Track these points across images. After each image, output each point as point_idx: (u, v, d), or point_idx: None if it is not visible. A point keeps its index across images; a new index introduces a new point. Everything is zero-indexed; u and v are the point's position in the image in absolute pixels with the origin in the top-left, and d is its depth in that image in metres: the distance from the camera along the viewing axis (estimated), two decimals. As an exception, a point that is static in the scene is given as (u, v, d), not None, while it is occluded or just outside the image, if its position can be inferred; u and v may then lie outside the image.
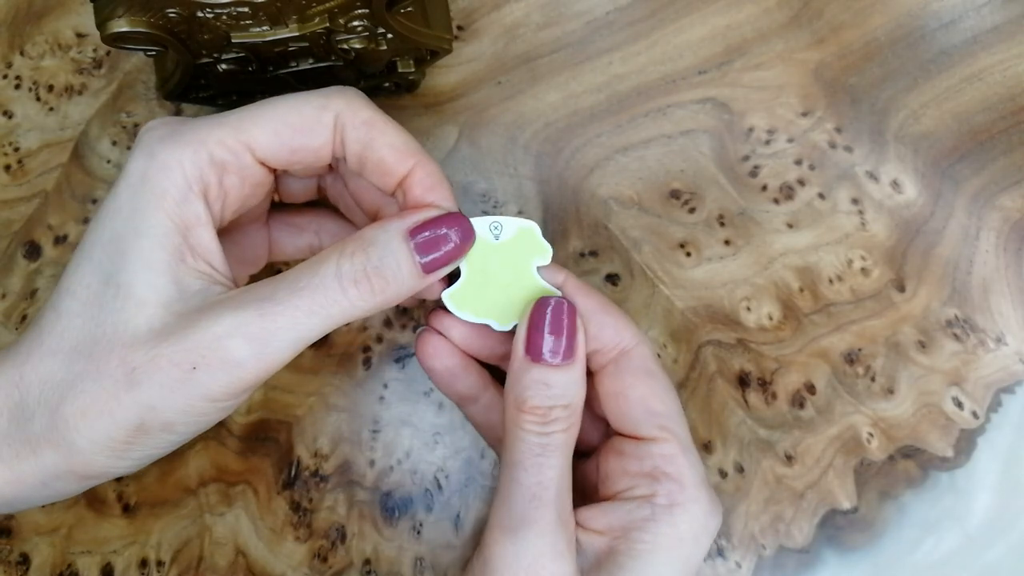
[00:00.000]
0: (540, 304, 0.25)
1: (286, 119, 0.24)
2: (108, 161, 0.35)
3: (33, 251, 0.34)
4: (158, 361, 0.22)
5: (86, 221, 0.34)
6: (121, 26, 0.26)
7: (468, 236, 0.25)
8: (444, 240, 0.24)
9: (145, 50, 0.27)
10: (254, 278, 0.30)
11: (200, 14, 0.26)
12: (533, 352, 0.25)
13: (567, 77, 0.36)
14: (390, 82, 0.34)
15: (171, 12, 0.26)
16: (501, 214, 0.34)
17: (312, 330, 0.22)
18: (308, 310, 0.22)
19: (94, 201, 0.34)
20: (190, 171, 0.23)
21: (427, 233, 0.24)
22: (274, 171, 0.26)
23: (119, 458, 0.22)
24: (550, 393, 0.24)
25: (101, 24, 0.26)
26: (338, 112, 0.24)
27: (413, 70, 0.33)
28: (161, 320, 0.22)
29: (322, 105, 0.24)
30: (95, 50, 0.36)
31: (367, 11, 0.28)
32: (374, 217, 0.29)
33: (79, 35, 0.37)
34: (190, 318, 0.22)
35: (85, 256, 0.23)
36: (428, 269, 0.24)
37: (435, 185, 0.25)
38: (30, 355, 0.22)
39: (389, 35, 0.30)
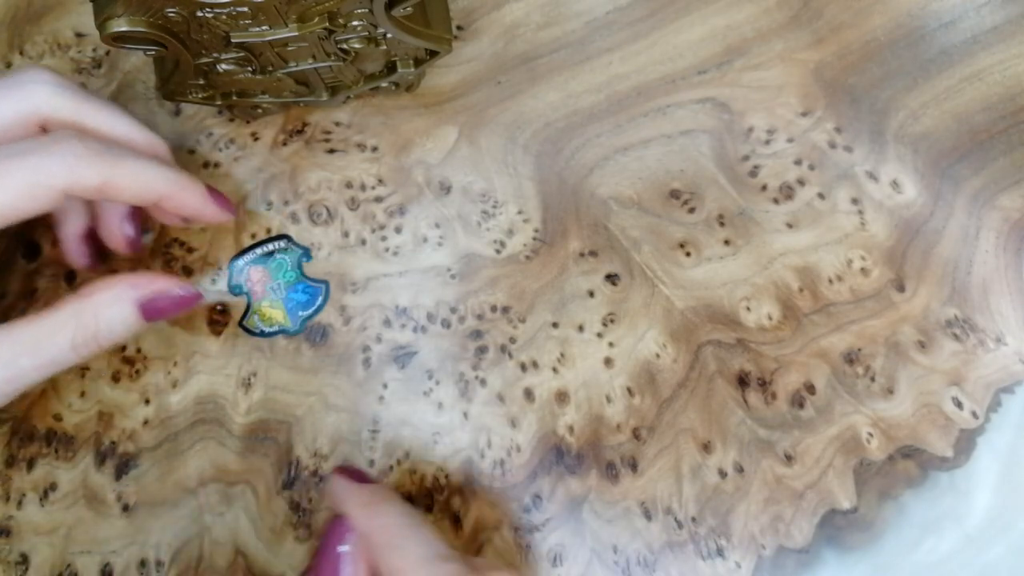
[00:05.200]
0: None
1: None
2: (108, 161, 0.35)
3: (32, 251, 0.34)
4: None
5: (85, 221, 0.34)
6: (121, 26, 0.26)
7: (192, 300, 0.29)
8: (171, 307, 0.29)
9: (145, 50, 0.27)
10: None
11: (200, 14, 0.26)
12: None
13: (567, 77, 0.36)
14: (390, 82, 0.34)
15: (171, 12, 0.26)
16: (501, 214, 0.34)
17: (41, 381, 0.26)
18: (47, 371, 0.26)
19: (94, 201, 0.34)
20: None
21: (157, 302, 0.28)
22: None
23: None
24: None
25: (101, 24, 0.26)
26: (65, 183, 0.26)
27: (413, 70, 0.33)
28: None
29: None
30: (95, 50, 0.36)
31: (367, 11, 0.28)
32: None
33: (79, 35, 0.37)
34: None
35: None
36: (150, 319, 0.28)
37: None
38: None
39: (389, 35, 0.30)
